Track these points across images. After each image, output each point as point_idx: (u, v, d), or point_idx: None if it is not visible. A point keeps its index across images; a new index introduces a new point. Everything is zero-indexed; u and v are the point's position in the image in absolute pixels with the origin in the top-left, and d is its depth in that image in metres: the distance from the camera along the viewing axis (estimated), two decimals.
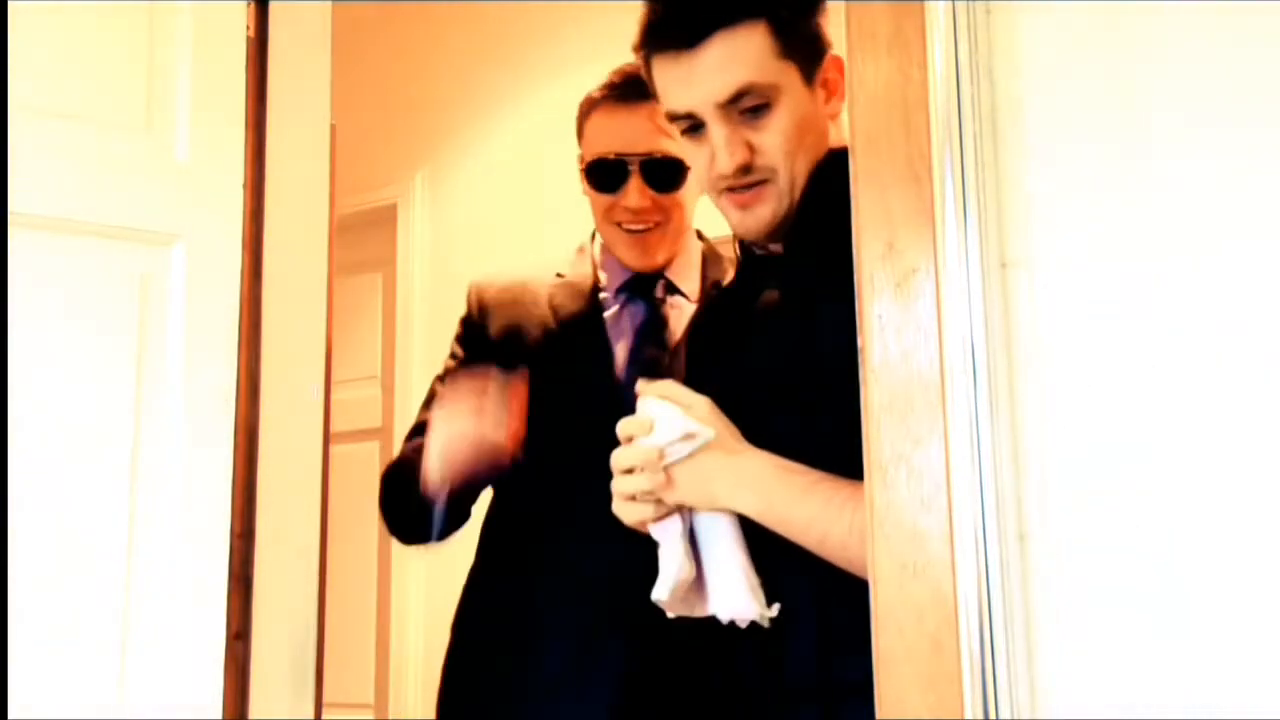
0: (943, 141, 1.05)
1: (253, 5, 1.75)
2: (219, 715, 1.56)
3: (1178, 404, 0.99)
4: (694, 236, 1.90)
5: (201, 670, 1.56)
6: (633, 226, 1.80)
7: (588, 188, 1.84)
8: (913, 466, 1.03)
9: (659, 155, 1.76)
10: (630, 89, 1.76)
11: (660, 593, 1.24)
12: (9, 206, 1.47)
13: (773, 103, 1.27)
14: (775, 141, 1.28)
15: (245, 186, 1.69)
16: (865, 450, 1.06)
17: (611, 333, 1.83)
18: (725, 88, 1.26)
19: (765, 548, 1.23)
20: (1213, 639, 0.96)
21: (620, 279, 1.85)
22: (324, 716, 1.88)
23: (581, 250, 1.92)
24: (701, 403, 1.26)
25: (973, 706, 0.97)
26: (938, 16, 1.07)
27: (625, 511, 1.27)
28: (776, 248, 1.37)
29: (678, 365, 1.69)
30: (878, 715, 1.03)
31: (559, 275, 1.90)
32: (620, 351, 1.81)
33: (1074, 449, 1.01)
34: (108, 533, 1.52)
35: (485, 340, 1.87)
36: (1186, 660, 0.96)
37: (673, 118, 1.33)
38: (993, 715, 0.97)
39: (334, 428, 1.95)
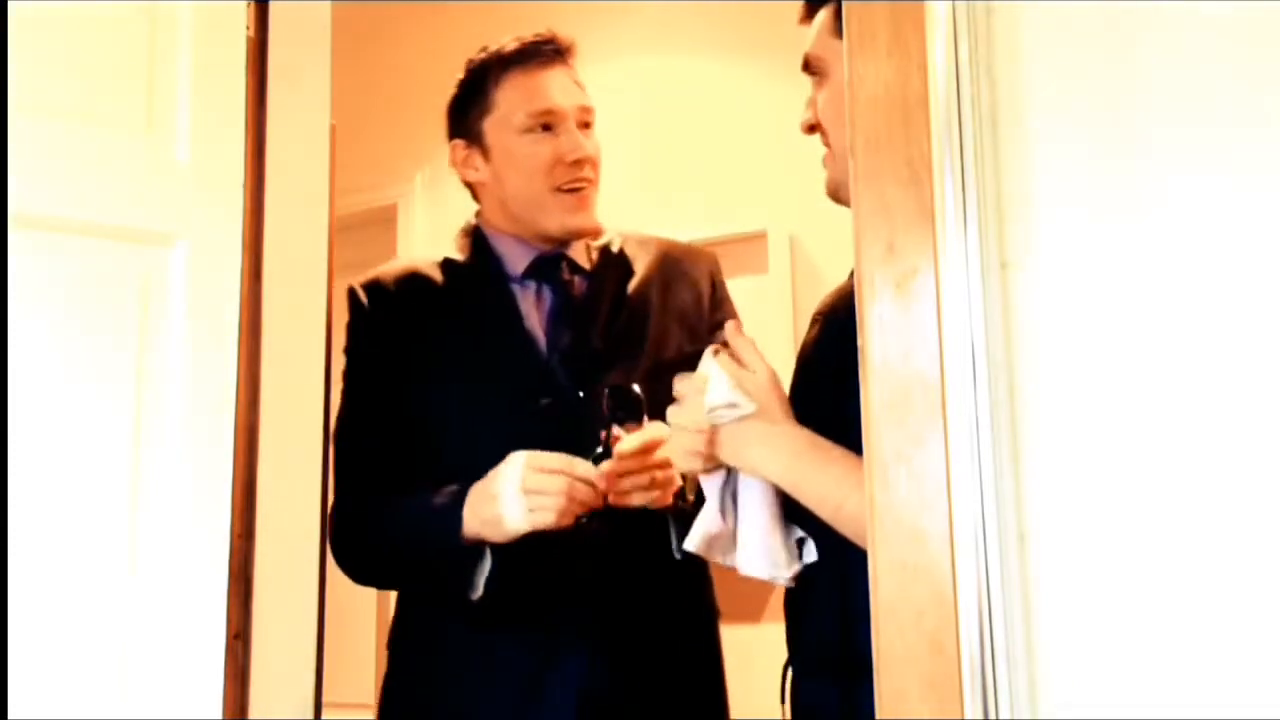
0: (943, 141, 1.05)
1: (253, 5, 1.74)
2: (219, 715, 1.56)
3: (1177, 404, 0.99)
4: None
5: (201, 670, 1.55)
6: (575, 185, 1.78)
7: (528, 150, 1.79)
8: (913, 466, 1.03)
9: (587, 107, 1.80)
10: (540, 54, 1.81)
11: (689, 543, 1.38)
12: (9, 206, 1.47)
13: (823, 75, 1.39)
14: (822, 109, 1.40)
15: (245, 186, 1.69)
16: (865, 450, 1.06)
17: (529, 318, 1.80)
18: (804, 55, 1.43)
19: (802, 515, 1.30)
20: (1212, 639, 0.96)
21: (525, 260, 1.82)
22: (324, 716, 1.88)
23: (466, 233, 1.89)
24: (763, 371, 1.33)
25: (973, 706, 0.97)
26: (938, 16, 1.07)
27: (679, 461, 1.41)
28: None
29: (597, 343, 1.74)
30: (878, 715, 1.03)
31: (447, 259, 1.86)
32: (540, 337, 1.78)
33: (1074, 449, 1.01)
34: (108, 532, 1.52)
35: (385, 334, 1.81)
36: (1186, 660, 0.96)
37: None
38: (993, 715, 0.97)
39: (334, 428, 1.94)
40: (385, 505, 1.76)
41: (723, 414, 1.31)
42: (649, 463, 1.59)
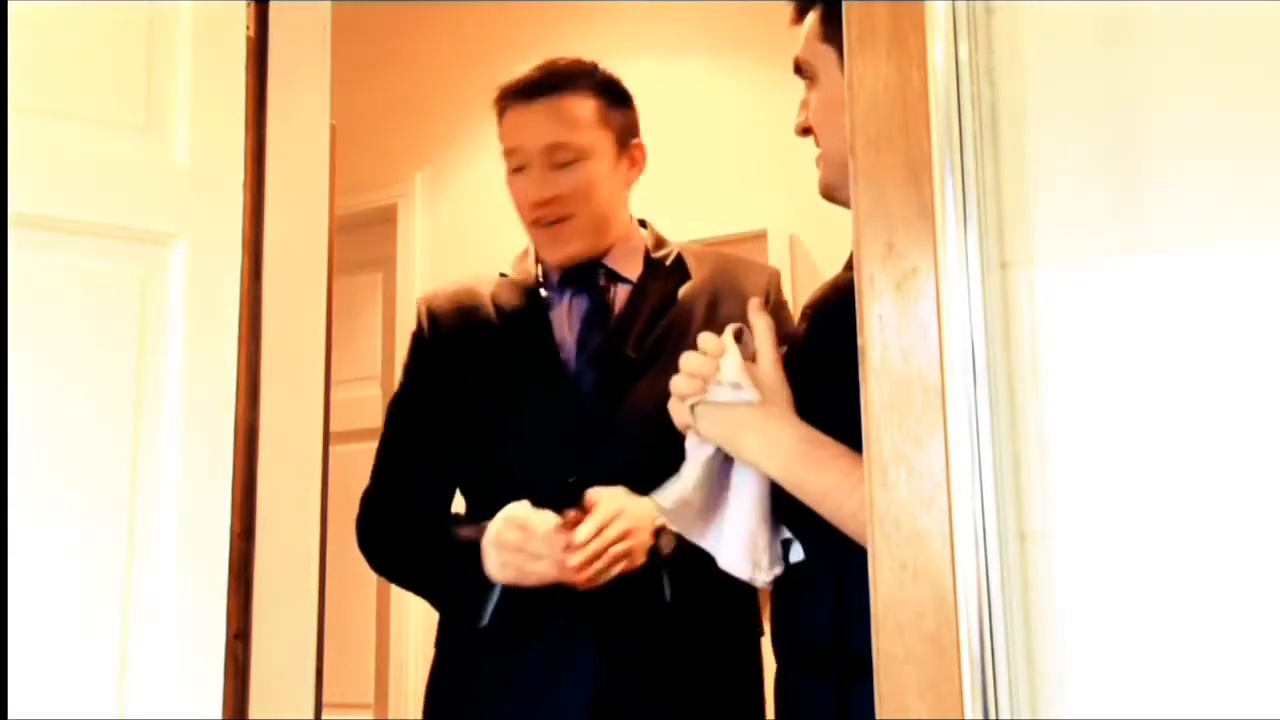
0: (943, 141, 1.05)
1: (253, 5, 1.74)
2: (219, 715, 1.56)
3: (1177, 403, 0.99)
4: (632, 225, 1.93)
5: (201, 670, 1.55)
6: (547, 218, 1.82)
7: (511, 187, 1.86)
8: (913, 466, 1.03)
9: (559, 144, 1.80)
10: (534, 87, 1.82)
11: (663, 499, 1.31)
12: (9, 206, 1.47)
13: (814, 79, 1.40)
14: (813, 114, 1.40)
15: (245, 187, 1.69)
16: (865, 450, 1.06)
17: (559, 325, 1.85)
18: (795, 59, 1.43)
19: (799, 506, 1.27)
20: (1213, 639, 0.96)
21: (560, 272, 1.88)
22: (324, 716, 1.88)
23: (526, 252, 1.96)
24: (769, 359, 1.31)
25: (973, 706, 0.97)
26: (938, 16, 1.07)
27: (674, 409, 1.34)
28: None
29: (630, 351, 1.79)
30: (878, 715, 1.03)
31: (502, 275, 1.93)
32: (570, 342, 1.84)
33: (1074, 449, 1.01)
34: (107, 532, 1.52)
35: (434, 353, 1.91)
36: (1186, 660, 0.96)
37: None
38: (993, 715, 0.97)
39: (334, 428, 1.95)
40: (416, 519, 1.87)
41: (723, 392, 1.28)
42: (608, 541, 1.64)
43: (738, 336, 1.31)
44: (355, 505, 1.93)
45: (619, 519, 1.65)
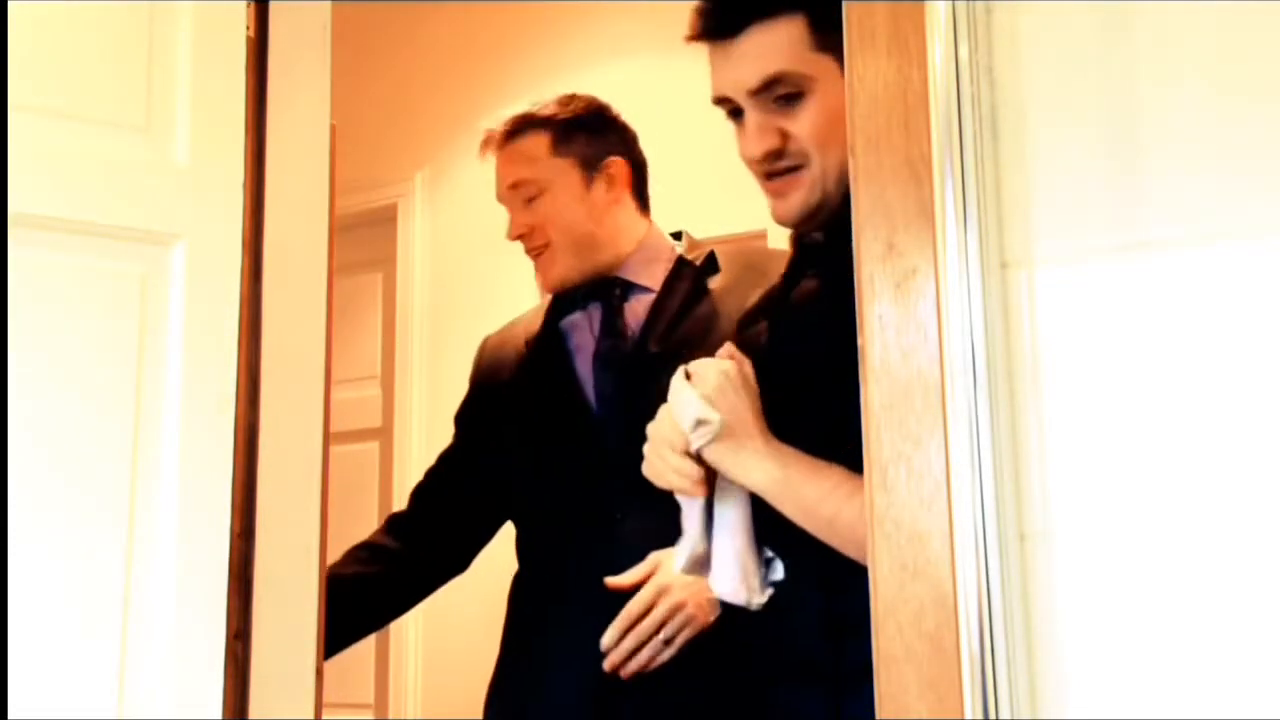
0: (943, 141, 1.05)
1: (253, 5, 1.74)
2: (219, 715, 1.56)
3: (1177, 404, 0.99)
4: (651, 235, 1.96)
5: (201, 670, 1.55)
6: (530, 249, 1.93)
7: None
8: (913, 466, 1.03)
9: (520, 181, 1.93)
10: (500, 137, 1.97)
11: (678, 564, 1.34)
12: (9, 206, 1.47)
13: (806, 92, 1.32)
14: (805, 129, 1.32)
15: (245, 186, 1.69)
16: (865, 450, 1.06)
17: (581, 343, 1.91)
18: (754, 76, 1.33)
19: (781, 525, 1.26)
20: (1213, 638, 0.96)
21: (577, 290, 1.95)
22: (324, 716, 1.88)
23: None
24: (714, 382, 1.27)
25: (973, 706, 0.97)
26: (938, 16, 1.07)
27: (664, 479, 1.32)
28: (819, 236, 1.39)
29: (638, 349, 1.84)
30: (877, 715, 1.03)
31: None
32: (587, 359, 1.89)
33: (1074, 449, 1.01)
34: (107, 532, 1.52)
35: (471, 395, 2.04)
36: (1187, 660, 0.96)
37: (715, 102, 1.42)
38: (993, 715, 0.97)
39: (334, 428, 1.95)
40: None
41: (698, 435, 1.26)
42: (642, 637, 1.67)
43: (687, 377, 1.31)
44: (355, 505, 1.94)
45: (659, 604, 1.65)
